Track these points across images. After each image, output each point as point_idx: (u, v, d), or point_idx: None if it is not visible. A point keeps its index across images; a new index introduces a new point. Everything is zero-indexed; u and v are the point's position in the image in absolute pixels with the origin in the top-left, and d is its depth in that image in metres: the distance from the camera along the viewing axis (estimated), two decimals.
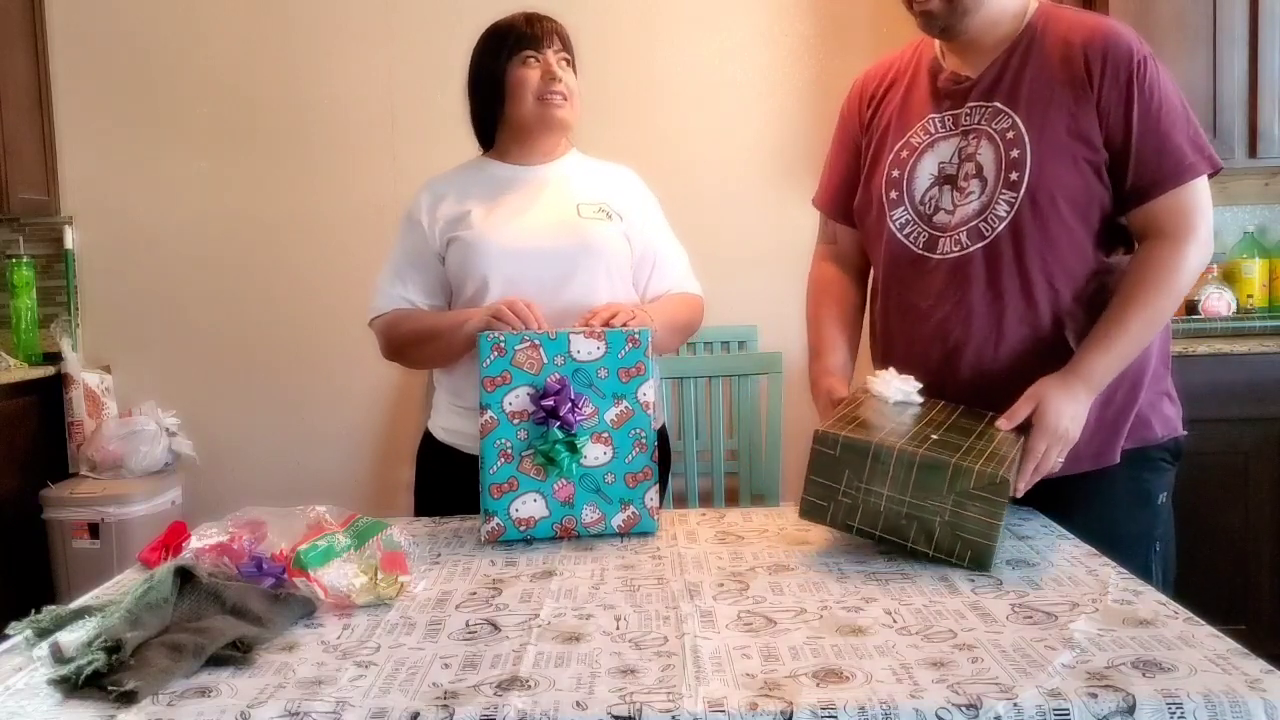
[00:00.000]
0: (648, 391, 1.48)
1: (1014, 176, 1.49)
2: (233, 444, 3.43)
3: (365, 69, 3.37)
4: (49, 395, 3.23)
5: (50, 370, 3.23)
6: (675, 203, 1.91)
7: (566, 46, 1.78)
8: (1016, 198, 1.49)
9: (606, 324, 1.57)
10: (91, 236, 3.42)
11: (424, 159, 3.50)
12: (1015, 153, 1.49)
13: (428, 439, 1.86)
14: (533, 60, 1.74)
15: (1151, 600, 1.15)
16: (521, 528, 1.47)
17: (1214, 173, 1.49)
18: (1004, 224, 1.49)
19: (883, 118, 1.65)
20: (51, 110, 3.36)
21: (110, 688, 0.95)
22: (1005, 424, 1.42)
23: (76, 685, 0.97)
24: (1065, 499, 1.52)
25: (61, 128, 3.39)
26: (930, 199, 1.56)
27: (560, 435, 1.44)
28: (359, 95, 3.37)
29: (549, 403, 1.44)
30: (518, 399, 1.46)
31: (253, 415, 3.45)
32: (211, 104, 3.39)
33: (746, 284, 3.26)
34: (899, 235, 1.58)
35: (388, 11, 3.35)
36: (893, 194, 1.59)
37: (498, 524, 1.47)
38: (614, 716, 0.90)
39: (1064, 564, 1.29)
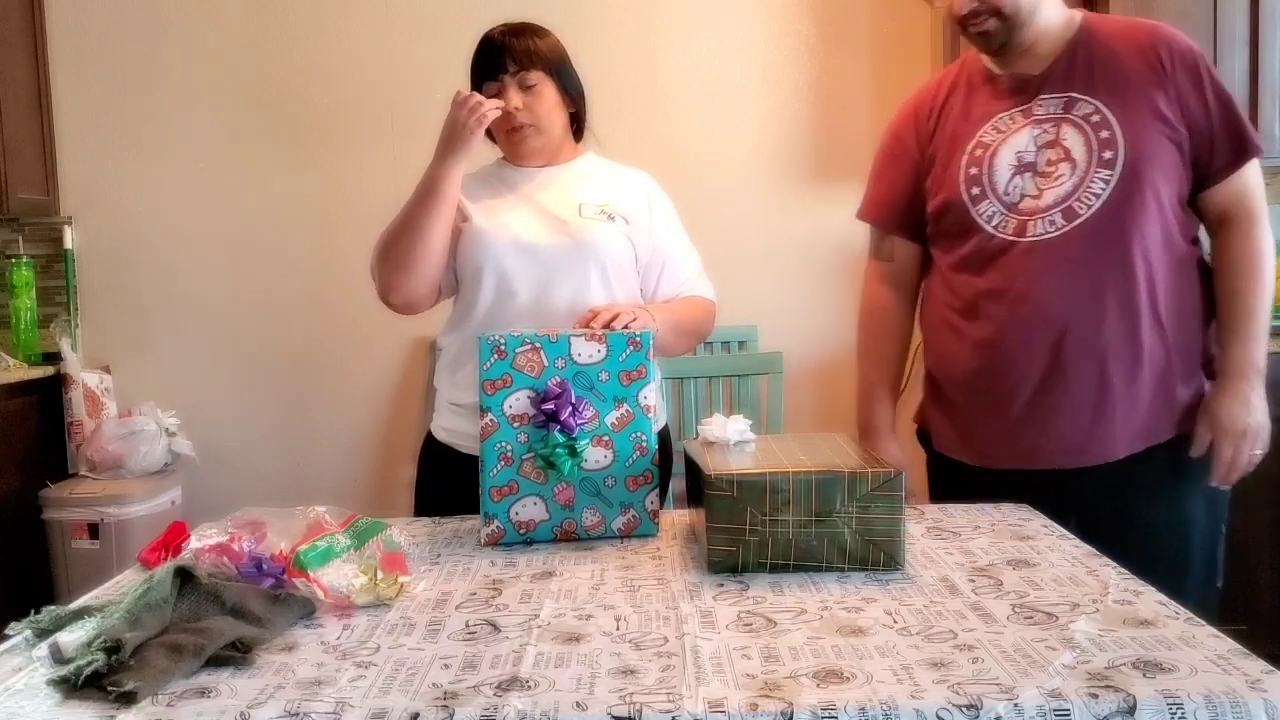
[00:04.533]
0: (649, 394, 1.48)
1: (1108, 155, 1.55)
2: (233, 444, 3.43)
3: (365, 69, 3.37)
4: (49, 395, 3.23)
5: (50, 370, 3.23)
6: (675, 203, 1.90)
7: (530, 60, 1.71)
8: (1113, 175, 1.54)
9: (607, 326, 1.56)
10: (91, 236, 3.42)
11: (424, 158, 3.49)
12: (1105, 134, 1.55)
13: (429, 440, 1.86)
14: (491, 91, 1.72)
15: (1152, 600, 1.15)
16: (521, 531, 1.47)
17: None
18: (1100, 201, 1.54)
19: (947, 126, 1.70)
20: (51, 110, 3.36)
21: (110, 688, 0.95)
22: (1196, 451, 1.57)
23: (76, 685, 0.97)
24: (1133, 487, 1.59)
25: (61, 128, 3.38)
26: (1014, 188, 1.60)
27: (561, 439, 1.44)
28: (359, 95, 3.37)
29: (549, 406, 1.44)
30: (518, 402, 1.46)
31: (253, 415, 3.45)
32: (211, 104, 3.39)
33: (746, 284, 3.26)
34: (987, 227, 1.62)
35: (387, 11, 3.35)
36: (974, 190, 1.62)
37: (498, 527, 1.47)
38: (614, 717, 0.89)
39: (1064, 564, 1.29)
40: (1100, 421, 1.58)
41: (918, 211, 1.75)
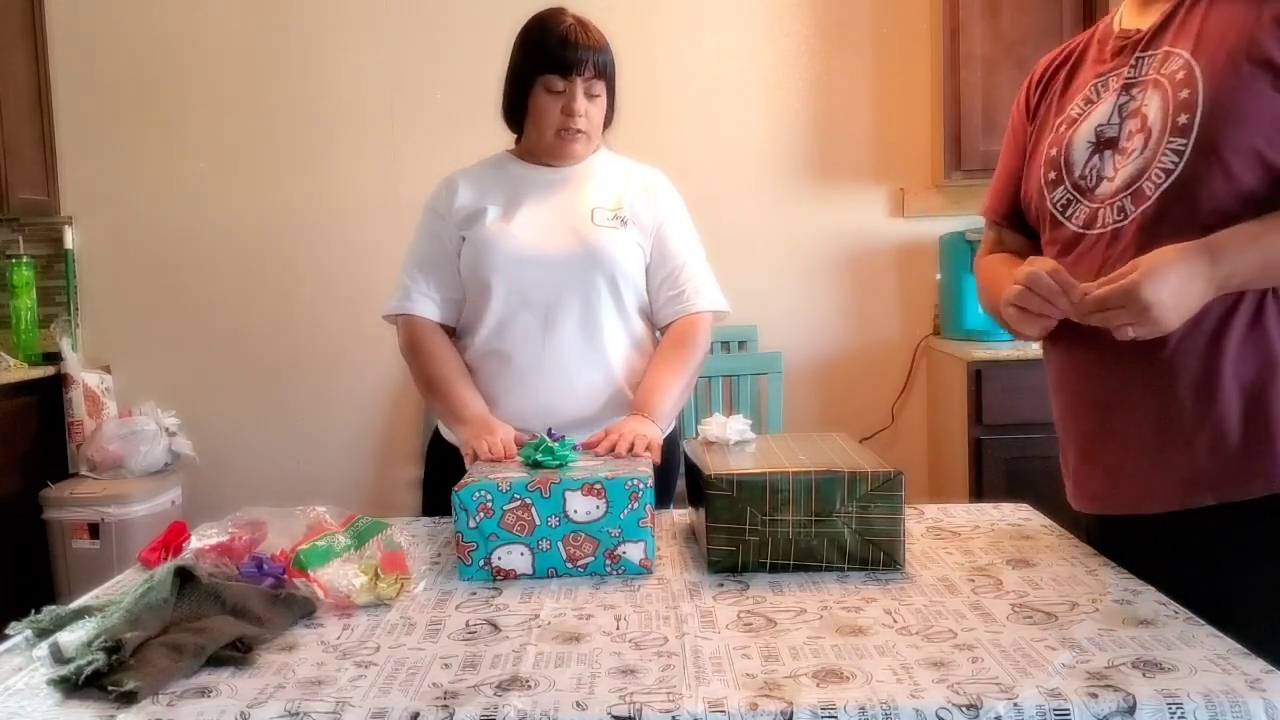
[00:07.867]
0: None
1: (1183, 120, 1.22)
2: (233, 444, 3.44)
3: (364, 68, 3.37)
4: (49, 395, 3.24)
5: (50, 370, 3.23)
6: None
7: (601, 71, 1.69)
8: (1186, 144, 1.22)
9: (612, 449, 1.49)
10: (91, 236, 3.42)
11: (423, 158, 3.52)
12: (1185, 93, 1.23)
13: (436, 438, 1.85)
14: (558, 87, 1.67)
15: (1151, 600, 1.15)
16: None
17: None
18: (1171, 178, 1.22)
19: (1048, 100, 1.43)
20: (51, 110, 3.37)
21: (110, 688, 0.95)
22: (1092, 288, 1.19)
23: (76, 685, 0.97)
24: (1239, 551, 1.23)
25: (61, 128, 3.39)
26: (1091, 170, 1.32)
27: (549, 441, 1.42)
28: (358, 95, 3.37)
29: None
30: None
31: (253, 415, 3.46)
32: (211, 104, 3.39)
33: (747, 284, 3.26)
34: (1060, 216, 1.34)
35: (385, 11, 3.35)
36: (1051, 174, 1.36)
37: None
38: (614, 716, 0.90)
39: (1063, 564, 1.29)
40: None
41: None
